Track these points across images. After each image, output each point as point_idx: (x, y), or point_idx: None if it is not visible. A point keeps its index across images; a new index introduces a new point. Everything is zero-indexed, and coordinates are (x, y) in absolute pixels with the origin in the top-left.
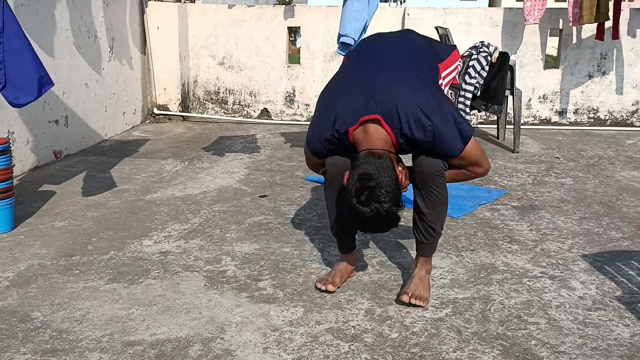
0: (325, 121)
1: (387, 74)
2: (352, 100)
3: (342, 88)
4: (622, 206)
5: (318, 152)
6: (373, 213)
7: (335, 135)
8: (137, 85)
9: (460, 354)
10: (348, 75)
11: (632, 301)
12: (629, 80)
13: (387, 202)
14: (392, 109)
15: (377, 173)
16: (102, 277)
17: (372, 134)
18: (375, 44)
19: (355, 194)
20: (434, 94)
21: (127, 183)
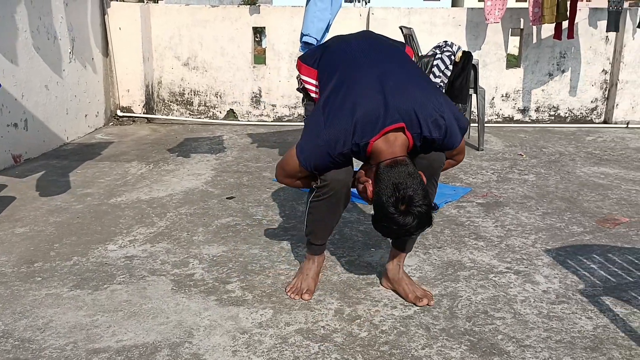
0: (340, 133)
1: (394, 77)
2: (370, 109)
3: (350, 96)
4: (583, 201)
5: (323, 167)
6: (417, 221)
7: (354, 148)
8: (99, 87)
9: (429, 351)
10: (349, 83)
11: (594, 294)
12: (587, 79)
13: (424, 203)
14: (410, 114)
15: (410, 181)
16: (65, 284)
17: (394, 142)
18: (349, 47)
19: (395, 205)
20: (436, 90)
21: (90, 187)
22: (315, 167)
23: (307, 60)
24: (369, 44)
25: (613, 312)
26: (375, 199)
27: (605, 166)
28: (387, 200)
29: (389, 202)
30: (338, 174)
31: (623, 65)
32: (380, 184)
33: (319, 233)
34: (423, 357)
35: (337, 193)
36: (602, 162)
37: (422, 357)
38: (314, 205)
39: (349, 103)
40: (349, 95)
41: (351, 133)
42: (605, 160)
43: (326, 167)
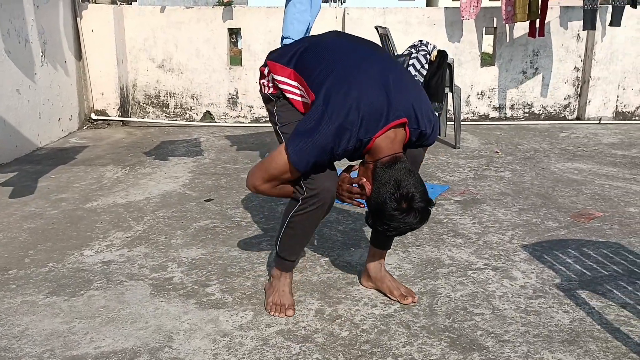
0: (347, 128)
1: (392, 73)
2: (375, 103)
3: (353, 90)
4: (558, 197)
5: (319, 165)
6: (418, 218)
7: (357, 144)
8: (72, 91)
9: (409, 349)
10: (349, 77)
11: (570, 288)
12: (560, 76)
13: (425, 199)
14: (410, 110)
15: (409, 177)
16: (40, 291)
17: (394, 139)
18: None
19: (397, 202)
20: (421, 88)
21: (65, 192)
22: (309, 165)
23: (280, 59)
24: (350, 42)
25: (589, 306)
26: (375, 197)
27: (578, 162)
28: (389, 197)
29: (392, 199)
30: (327, 183)
31: (595, 62)
32: (379, 182)
33: (295, 249)
34: (404, 354)
35: (325, 204)
36: (576, 158)
37: (403, 355)
38: (298, 219)
39: (352, 97)
40: (352, 90)
41: (357, 128)
42: (579, 156)
43: (321, 164)
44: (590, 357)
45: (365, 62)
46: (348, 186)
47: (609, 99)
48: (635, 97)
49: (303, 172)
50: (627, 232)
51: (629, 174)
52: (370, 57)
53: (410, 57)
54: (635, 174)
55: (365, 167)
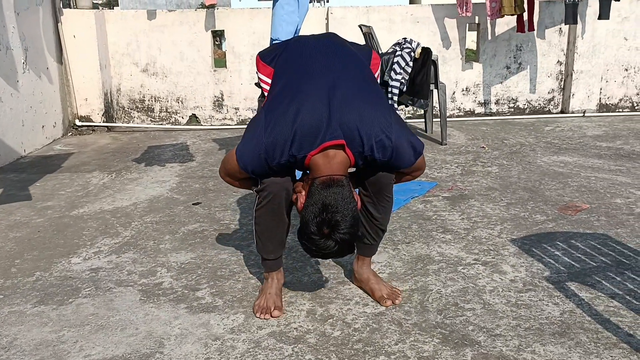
0: (279, 142)
1: (343, 89)
2: (312, 120)
3: (295, 104)
4: (545, 190)
5: (259, 173)
6: (338, 246)
7: (291, 159)
8: (55, 97)
9: (402, 346)
10: (296, 89)
11: (559, 280)
12: (543, 70)
13: (349, 232)
14: (354, 131)
15: (341, 204)
16: (28, 300)
17: (333, 158)
18: (306, 50)
19: (318, 227)
20: (388, 109)
21: (50, 199)
22: (254, 173)
23: (266, 57)
24: (328, 49)
25: (578, 297)
26: (302, 214)
27: (564, 155)
28: (312, 219)
29: (314, 222)
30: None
31: (577, 55)
32: (310, 200)
33: (270, 245)
34: (396, 352)
35: (277, 196)
36: (562, 151)
37: (395, 353)
38: (258, 214)
39: (292, 111)
40: (293, 103)
41: (289, 144)
42: (564, 149)
43: (265, 174)
44: (581, 349)
45: (319, 76)
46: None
47: (592, 91)
48: (618, 89)
49: (250, 175)
50: (614, 223)
51: (614, 166)
52: (329, 70)
53: (394, 54)
54: (620, 165)
55: (305, 181)
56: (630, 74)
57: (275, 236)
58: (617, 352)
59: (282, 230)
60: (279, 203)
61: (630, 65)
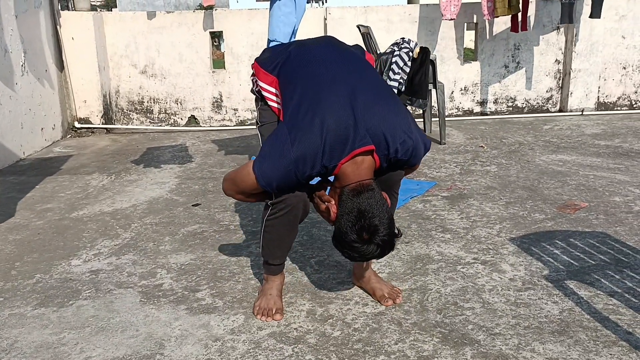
0: (309, 155)
1: (363, 94)
2: (339, 129)
3: (319, 114)
4: (544, 189)
5: (284, 188)
6: (380, 249)
7: (322, 170)
8: (54, 99)
9: (402, 346)
10: (315, 99)
11: (558, 279)
12: (542, 69)
13: (388, 233)
14: (379, 136)
15: (376, 208)
16: (29, 303)
17: (361, 165)
18: (312, 56)
19: (358, 234)
20: (404, 110)
21: (50, 202)
22: (278, 188)
23: (266, 65)
24: (335, 54)
25: (577, 296)
26: (337, 224)
27: (563, 153)
28: (350, 227)
29: (353, 229)
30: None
31: (575, 54)
32: (343, 209)
33: (277, 252)
34: (396, 352)
35: (294, 209)
36: (560, 150)
37: (395, 353)
38: (270, 223)
39: (317, 122)
40: (317, 113)
41: (320, 155)
42: (563, 147)
43: (290, 188)
44: (580, 347)
45: (336, 83)
46: (318, 201)
47: (591, 90)
48: (616, 87)
49: (272, 190)
50: (612, 222)
51: (612, 164)
52: (344, 76)
53: (393, 55)
54: (619, 163)
55: (334, 190)
56: (628, 72)
57: (285, 244)
58: (616, 350)
59: (292, 239)
60: (294, 215)
61: (628, 64)
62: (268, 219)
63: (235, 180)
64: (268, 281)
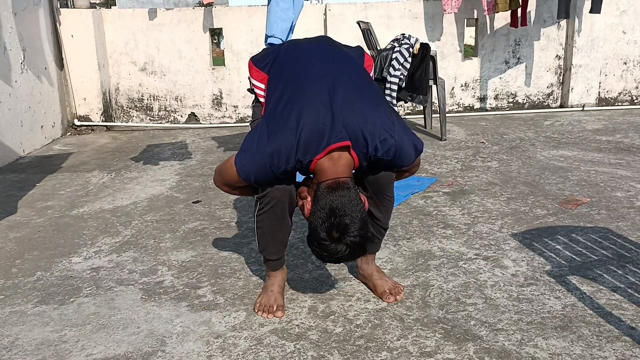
0: (284, 149)
1: (343, 91)
2: (315, 124)
3: (296, 109)
4: (545, 184)
5: (262, 182)
6: (349, 250)
7: (297, 165)
8: (54, 97)
9: (404, 342)
10: (295, 94)
11: (560, 274)
12: (542, 65)
13: (359, 234)
14: (357, 132)
15: (348, 207)
16: (29, 300)
17: (338, 161)
18: (301, 54)
19: (327, 231)
20: (388, 109)
21: (50, 199)
22: (257, 182)
23: (259, 62)
24: (323, 53)
25: (580, 291)
26: (310, 220)
27: (564, 149)
28: (320, 224)
29: (323, 227)
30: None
31: (576, 49)
32: (317, 206)
33: (272, 247)
34: (399, 348)
35: (280, 202)
36: (561, 146)
37: (397, 349)
38: (260, 218)
39: (294, 116)
40: (295, 108)
41: (295, 149)
42: (564, 143)
43: (268, 181)
44: (583, 342)
45: (318, 80)
46: (297, 198)
47: (592, 85)
48: (617, 83)
49: (251, 184)
50: (614, 217)
51: (614, 159)
52: (328, 73)
53: (393, 50)
54: (620, 158)
55: (310, 187)
56: (629, 67)
57: (278, 238)
58: (619, 345)
59: (284, 233)
60: (281, 208)
61: (629, 59)
62: (258, 214)
63: (222, 172)
64: (270, 277)
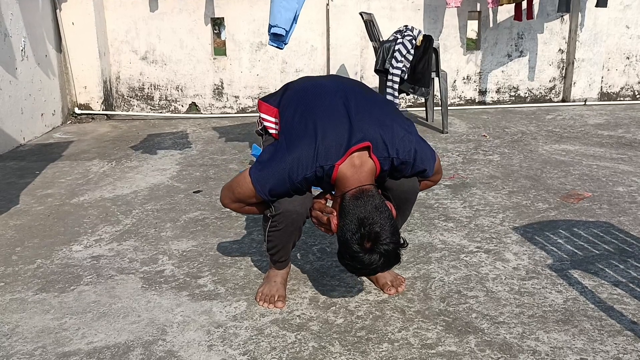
0: (303, 156)
1: (356, 102)
2: (334, 130)
3: (312, 119)
4: (547, 178)
5: (281, 193)
6: (383, 259)
7: (318, 172)
8: (54, 85)
9: (405, 333)
10: (309, 109)
11: (562, 268)
12: (545, 58)
13: (392, 241)
14: (376, 137)
15: (376, 215)
16: (30, 288)
17: (360, 168)
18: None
19: (359, 243)
20: (404, 118)
21: (50, 187)
22: (272, 193)
23: (269, 99)
24: (334, 78)
25: (582, 285)
26: (339, 234)
27: (566, 143)
28: (351, 237)
29: (354, 239)
30: (291, 205)
31: (579, 43)
32: (344, 218)
33: (281, 255)
34: (400, 340)
35: (292, 223)
36: (563, 140)
37: (399, 340)
38: (271, 236)
39: (311, 126)
40: (311, 119)
41: (315, 155)
42: (566, 137)
43: (285, 193)
44: (585, 336)
45: (330, 94)
46: (318, 213)
47: (594, 80)
48: (620, 77)
49: (267, 199)
50: (616, 212)
51: (615, 154)
52: (340, 89)
53: (395, 42)
54: (622, 153)
55: (335, 201)
56: (632, 62)
57: (289, 247)
58: (621, 340)
59: (295, 241)
60: (295, 228)
61: (632, 54)
62: (269, 231)
63: (232, 186)
64: (273, 270)
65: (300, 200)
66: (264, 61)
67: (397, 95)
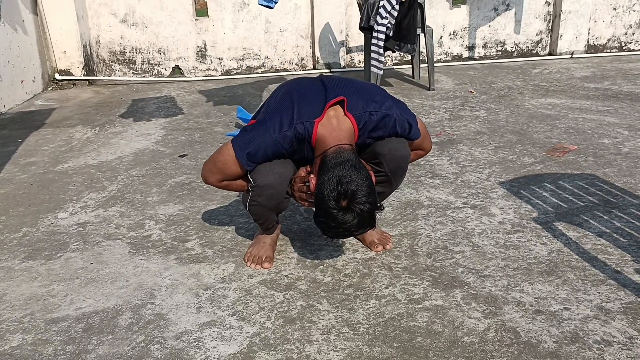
0: (284, 113)
1: (334, 80)
2: (310, 94)
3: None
4: (533, 133)
5: (260, 157)
6: (357, 219)
7: (299, 128)
8: (33, 51)
9: (392, 290)
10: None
11: (547, 221)
12: (531, 12)
13: (368, 201)
14: (352, 96)
15: (355, 174)
16: (16, 256)
17: (338, 127)
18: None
19: (335, 200)
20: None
21: (34, 155)
22: (252, 158)
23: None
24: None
25: (566, 237)
26: (316, 192)
27: (552, 97)
28: (328, 194)
29: (330, 195)
30: (269, 177)
31: None
32: (323, 176)
33: (267, 224)
34: (387, 296)
35: (272, 198)
36: (549, 94)
37: (386, 296)
38: (252, 209)
39: (289, 99)
40: (289, 96)
41: (294, 115)
42: (552, 91)
43: (265, 157)
44: (568, 286)
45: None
46: (300, 185)
47: (581, 32)
48: (607, 29)
49: (246, 166)
50: (601, 163)
51: (602, 106)
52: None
53: None
54: (608, 105)
55: (314, 163)
56: (619, 12)
57: (273, 217)
58: (605, 289)
59: (280, 210)
60: (276, 199)
61: (619, 4)
62: (249, 204)
63: (214, 156)
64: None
65: (278, 172)
66: (247, 21)
67: (382, 52)
